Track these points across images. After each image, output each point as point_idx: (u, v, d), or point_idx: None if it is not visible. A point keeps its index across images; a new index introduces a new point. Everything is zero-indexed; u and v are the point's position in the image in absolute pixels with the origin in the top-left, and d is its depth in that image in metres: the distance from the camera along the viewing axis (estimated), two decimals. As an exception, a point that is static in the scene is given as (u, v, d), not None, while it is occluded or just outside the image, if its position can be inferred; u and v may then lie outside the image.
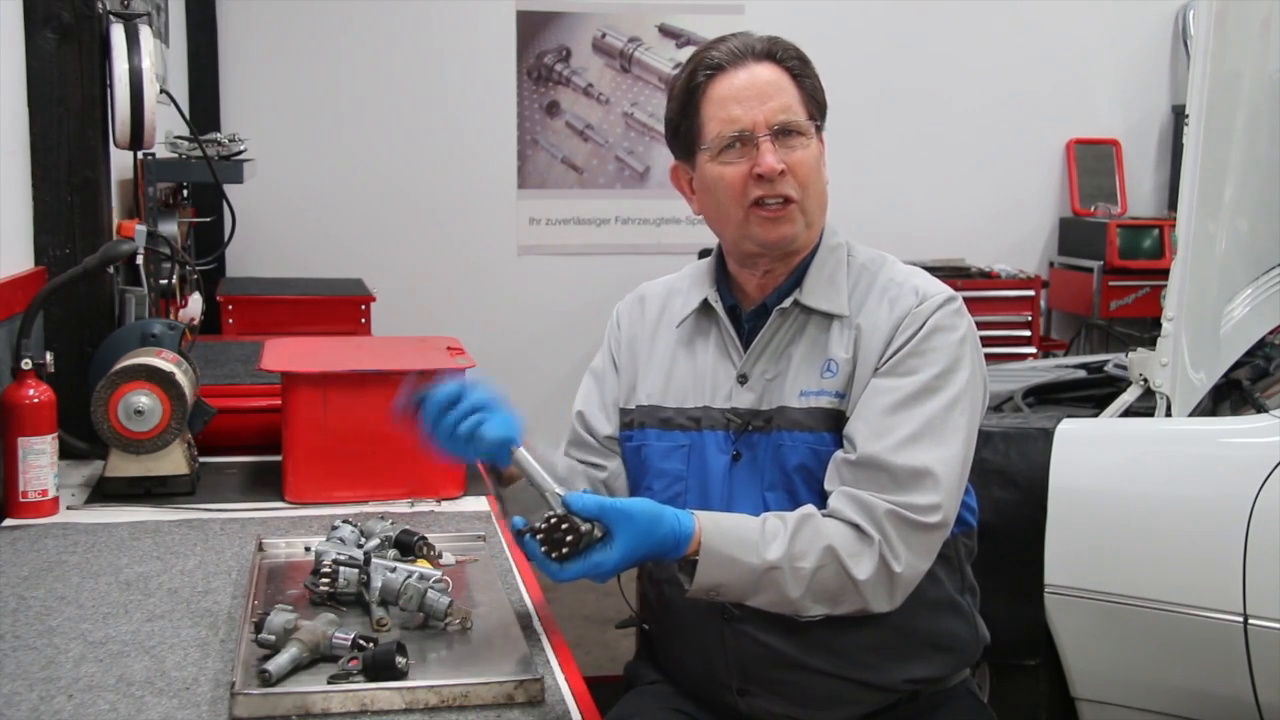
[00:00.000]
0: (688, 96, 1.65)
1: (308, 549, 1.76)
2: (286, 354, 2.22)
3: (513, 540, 1.55)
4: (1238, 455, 2.51)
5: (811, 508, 1.54)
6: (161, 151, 3.27)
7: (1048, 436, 2.62)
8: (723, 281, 1.74)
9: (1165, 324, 2.62)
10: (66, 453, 2.17)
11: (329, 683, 1.35)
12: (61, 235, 2.39)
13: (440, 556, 1.76)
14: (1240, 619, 2.36)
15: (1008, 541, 2.56)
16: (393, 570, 1.58)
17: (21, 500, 1.98)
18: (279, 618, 1.43)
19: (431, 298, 5.36)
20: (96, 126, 2.41)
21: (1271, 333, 3.03)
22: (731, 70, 1.63)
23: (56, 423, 2.02)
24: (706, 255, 1.80)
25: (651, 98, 5.52)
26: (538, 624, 1.61)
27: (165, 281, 2.76)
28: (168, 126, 3.51)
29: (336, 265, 5.08)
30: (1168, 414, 2.63)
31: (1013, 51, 5.84)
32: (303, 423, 2.10)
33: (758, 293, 1.70)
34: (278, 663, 1.36)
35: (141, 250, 2.45)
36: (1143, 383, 2.69)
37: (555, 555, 1.38)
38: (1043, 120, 5.91)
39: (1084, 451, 2.62)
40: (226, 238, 3.11)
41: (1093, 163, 5.97)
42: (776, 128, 1.60)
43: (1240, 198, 2.75)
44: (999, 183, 5.92)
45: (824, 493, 1.58)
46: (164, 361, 2.14)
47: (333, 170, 5.34)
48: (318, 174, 5.32)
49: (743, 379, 1.66)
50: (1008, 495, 2.59)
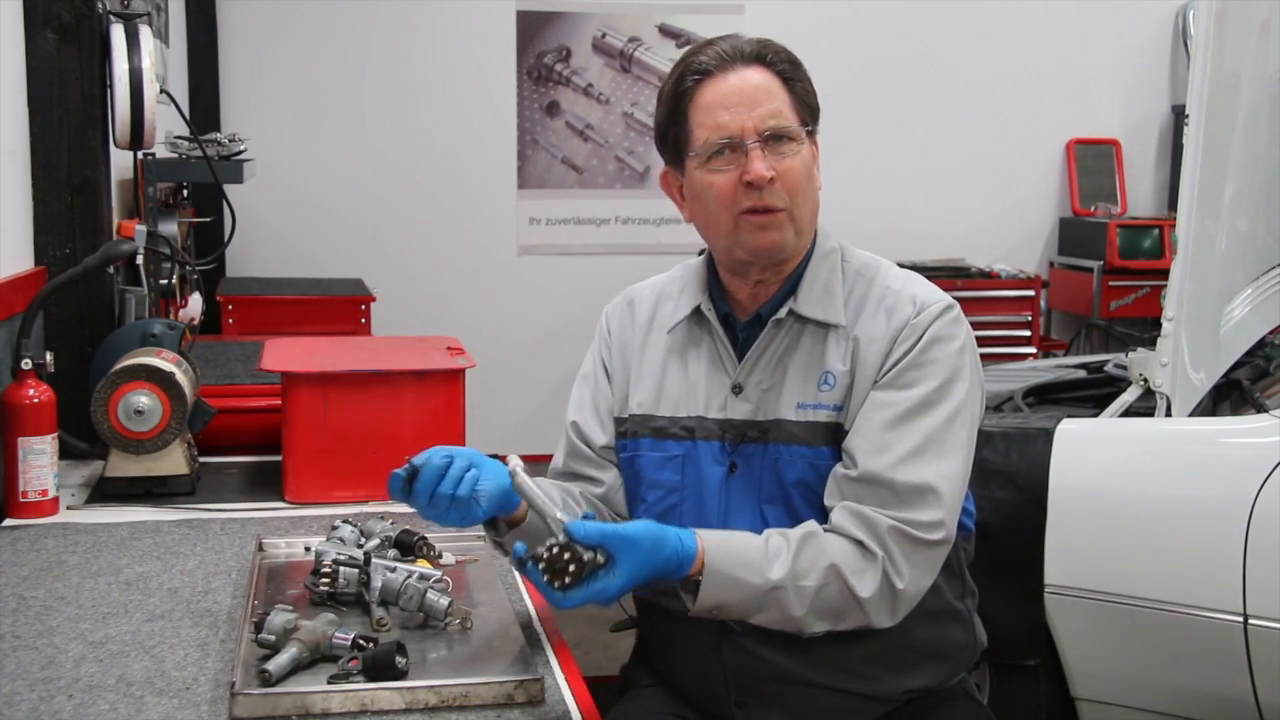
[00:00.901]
0: (675, 102, 1.60)
1: (308, 549, 1.76)
2: (286, 354, 2.22)
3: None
4: (1238, 455, 2.51)
5: (814, 524, 1.53)
6: (161, 151, 3.26)
7: (1048, 436, 2.62)
8: (715, 289, 1.70)
9: (1165, 324, 2.62)
10: (66, 453, 2.17)
11: (329, 683, 1.35)
12: (61, 235, 2.39)
13: (440, 556, 1.76)
14: (1240, 619, 2.36)
15: (1008, 541, 2.56)
16: (393, 570, 1.58)
17: (21, 500, 1.98)
18: (279, 618, 1.43)
19: (431, 298, 5.36)
20: (96, 126, 2.41)
21: (1271, 333, 3.03)
22: (720, 75, 1.58)
23: (56, 423, 2.02)
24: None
25: (651, 98, 5.51)
26: (537, 624, 1.61)
27: (165, 281, 2.76)
28: (168, 126, 3.50)
29: (336, 265, 5.08)
30: (1168, 414, 2.63)
31: (1013, 52, 5.84)
32: (303, 423, 2.09)
33: (750, 302, 1.66)
34: (278, 663, 1.36)
35: (141, 250, 2.45)
36: (1143, 383, 2.69)
37: (558, 584, 1.37)
38: (1043, 120, 5.91)
39: (1084, 451, 2.62)
40: (226, 238, 3.11)
41: (1093, 163, 5.98)
42: (766, 134, 1.56)
43: (1240, 198, 2.75)
44: (999, 183, 5.92)
45: (822, 507, 1.56)
46: (164, 361, 2.14)
47: (333, 170, 5.34)
48: (318, 174, 5.33)
49: (737, 389, 1.63)
50: (1008, 495, 2.59)
